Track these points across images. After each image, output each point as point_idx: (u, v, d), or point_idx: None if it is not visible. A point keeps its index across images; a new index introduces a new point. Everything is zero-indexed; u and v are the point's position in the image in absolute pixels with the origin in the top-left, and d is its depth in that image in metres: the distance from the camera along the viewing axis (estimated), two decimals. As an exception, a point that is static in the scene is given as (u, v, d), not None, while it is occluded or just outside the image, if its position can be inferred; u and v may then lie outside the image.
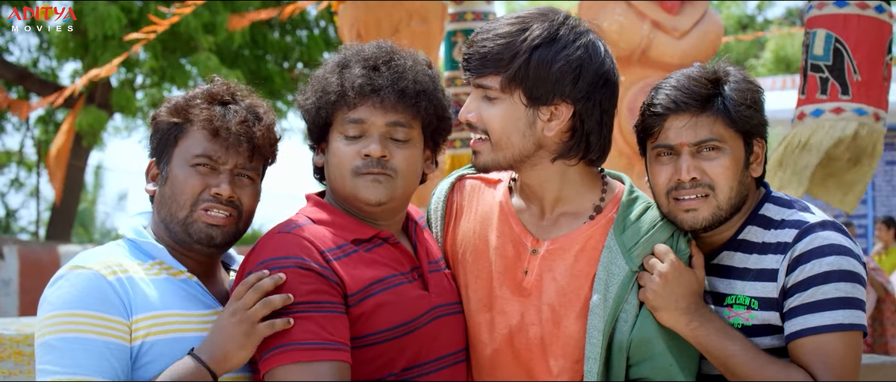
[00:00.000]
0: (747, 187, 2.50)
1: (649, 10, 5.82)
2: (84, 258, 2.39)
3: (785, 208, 2.50)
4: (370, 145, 2.41)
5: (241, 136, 2.46)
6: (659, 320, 2.39)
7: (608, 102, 2.44)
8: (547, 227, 2.50)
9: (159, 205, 2.49)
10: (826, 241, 2.38)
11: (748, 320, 2.45)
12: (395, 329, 2.37)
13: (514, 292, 2.48)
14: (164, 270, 2.44)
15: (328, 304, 2.30)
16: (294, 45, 19.64)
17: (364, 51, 2.49)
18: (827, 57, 4.80)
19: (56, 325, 2.29)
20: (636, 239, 2.43)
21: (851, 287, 2.37)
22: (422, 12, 7.51)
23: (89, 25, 15.57)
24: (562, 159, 2.45)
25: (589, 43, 2.41)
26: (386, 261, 2.45)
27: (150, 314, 2.35)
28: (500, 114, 2.41)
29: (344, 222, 2.45)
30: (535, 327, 2.45)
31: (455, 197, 2.67)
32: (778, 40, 24.11)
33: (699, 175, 2.44)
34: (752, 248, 2.48)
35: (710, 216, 2.45)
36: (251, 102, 2.55)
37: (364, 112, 2.42)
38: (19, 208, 31.62)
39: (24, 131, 23.84)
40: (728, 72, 2.50)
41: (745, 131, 2.47)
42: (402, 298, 2.40)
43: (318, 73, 2.51)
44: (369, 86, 2.41)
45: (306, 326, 2.27)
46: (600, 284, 2.40)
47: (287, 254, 2.32)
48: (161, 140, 2.50)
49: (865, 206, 15.15)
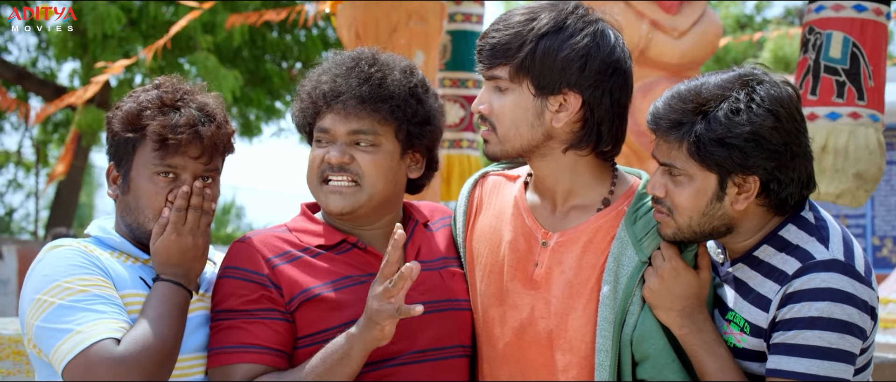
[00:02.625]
0: (743, 215, 2.36)
1: (648, 9, 5.81)
2: (57, 241, 2.47)
3: (804, 232, 2.36)
4: (330, 152, 2.48)
5: (195, 142, 2.48)
6: (657, 317, 2.38)
7: (619, 92, 2.42)
8: (558, 220, 2.50)
9: (124, 212, 2.54)
10: (824, 284, 2.26)
11: (740, 342, 2.40)
12: (345, 325, 2.39)
13: (524, 285, 2.49)
14: (130, 259, 2.52)
15: (260, 311, 2.43)
16: (293, 45, 19.61)
17: (338, 58, 2.54)
18: (844, 60, 4.78)
19: (58, 291, 2.34)
20: (647, 230, 2.42)
21: (838, 337, 2.24)
22: (420, 12, 7.50)
23: (88, 24, 15.54)
24: (573, 150, 2.45)
25: (597, 31, 2.40)
26: (350, 263, 2.50)
27: (124, 291, 2.44)
28: (509, 103, 2.43)
29: (317, 229, 2.55)
30: (544, 320, 2.45)
31: (477, 194, 2.69)
32: (776, 40, 24.09)
33: (662, 194, 2.38)
34: (759, 268, 2.39)
35: (672, 235, 2.38)
36: (201, 101, 2.55)
37: (328, 120, 2.48)
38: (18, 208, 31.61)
39: (22, 131, 23.82)
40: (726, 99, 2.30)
41: (714, 167, 2.31)
42: (359, 297, 2.41)
43: (303, 82, 2.57)
44: (331, 94, 2.47)
45: (234, 332, 2.42)
46: (610, 275, 2.39)
47: (235, 265, 2.49)
48: (118, 148, 2.53)
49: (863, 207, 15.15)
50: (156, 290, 2.41)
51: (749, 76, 2.34)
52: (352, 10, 7.55)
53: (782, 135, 2.30)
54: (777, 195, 2.35)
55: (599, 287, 2.40)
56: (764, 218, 2.40)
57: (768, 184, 2.33)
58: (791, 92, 2.35)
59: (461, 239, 2.66)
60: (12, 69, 19.21)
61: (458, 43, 8.41)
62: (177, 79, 2.58)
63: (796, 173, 2.35)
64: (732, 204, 2.34)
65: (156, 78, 2.60)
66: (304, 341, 2.45)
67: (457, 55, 8.32)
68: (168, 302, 2.38)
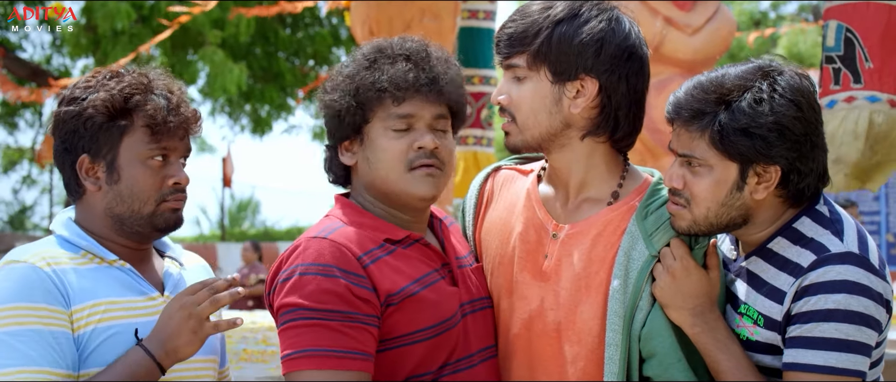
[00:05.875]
0: (760, 205, 2.37)
1: (662, 6, 5.81)
2: (17, 253, 2.38)
3: (819, 226, 2.35)
4: (423, 137, 2.42)
5: (182, 123, 2.48)
6: (668, 316, 2.38)
7: (635, 77, 2.43)
8: (570, 213, 2.50)
9: (114, 203, 2.46)
10: (839, 276, 2.24)
11: (753, 335, 2.39)
12: (435, 326, 2.37)
13: (534, 276, 2.49)
14: (95, 260, 2.43)
15: (357, 315, 2.29)
16: (305, 42, 19.66)
17: (395, 45, 2.49)
18: (838, 47, 4.78)
19: (2, 319, 2.26)
20: (657, 224, 2.42)
21: (855, 329, 2.24)
22: (434, 9, 7.51)
23: (99, 21, 15.62)
24: (591, 137, 2.45)
25: (612, 17, 2.42)
26: (422, 259, 2.45)
27: (87, 303, 2.34)
28: (528, 92, 2.44)
29: (375, 224, 2.45)
30: (552, 312, 2.45)
31: (488, 186, 2.69)
32: (790, 36, 24.05)
33: (680, 185, 2.37)
34: (774, 260, 2.38)
35: (686, 227, 2.38)
36: (168, 83, 2.54)
37: (413, 106, 2.43)
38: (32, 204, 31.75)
39: (36, 128, 23.94)
40: (750, 90, 2.30)
41: (736, 156, 2.32)
42: (440, 295, 2.40)
43: (347, 72, 2.48)
44: (417, 80, 2.43)
45: (334, 335, 2.27)
46: (620, 269, 2.39)
47: (324, 262, 2.31)
48: (97, 138, 2.45)
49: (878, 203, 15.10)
50: (132, 353, 2.33)
51: (770, 67, 2.35)
52: (365, 7, 7.57)
53: (804, 124, 2.31)
54: (796, 186, 2.35)
55: (608, 280, 2.40)
56: (780, 209, 2.40)
57: (788, 174, 2.34)
58: (809, 84, 2.37)
59: (470, 232, 2.67)
60: (27, 66, 19.31)
61: (464, 39, 8.40)
62: (135, 68, 2.56)
63: (815, 164, 2.35)
64: (752, 193, 2.34)
65: (99, 69, 2.57)
66: (394, 342, 2.36)
67: (463, 51, 8.32)
68: (134, 374, 2.32)
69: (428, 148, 2.42)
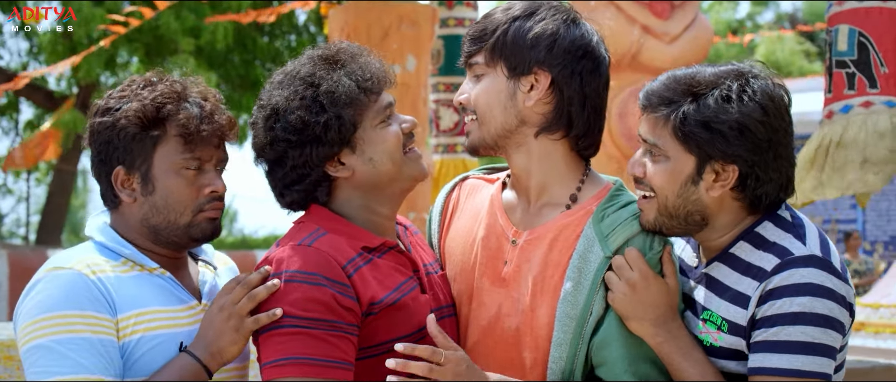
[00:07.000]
0: (719, 207, 2.37)
1: (639, 14, 5.81)
2: (60, 259, 2.36)
3: (781, 230, 2.36)
4: (404, 124, 2.50)
5: (216, 131, 2.46)
6: (628, 327, 2.37)
7: (589, 76, 2.45)
8: (530, 218, 2.51)
9: (150, 214, 2.44)
10: (803, 279, 2.25)
11: (717, 341, 2.38)
12: (412, 334, 2.37)
13: (493, 283, 2.49)
14: (136, 267, 2.42)
15: (341, 324, 2.28)
16: (283, 49, 19.64)
17: (332, 50, 2.49)
18: (851, 52, 4.78)
19: (48, 327, 2.25)
20: (614, 226, 2.42)
21: (821, 332, 2.24)
22: (412, 16, 7.51)
23: (74, 27, 15.55)
24: (545, 134, 2.46)
25: (570, 18, 2.47)
26: (396, 267, 2.45)
27: (132, 312, 2.34)
28: (485, 88, 2.47)
29: (351, 231, 2.44)
30: (511, 318, 2.45)
31: (454, 196, 2.71)
32: (768, 44, 24.18)
33: (641, 173, 2.40)
34: (736, 265, 2.38)
35: (653, 219, 2.38)
36: (201, 91, 2.51)
37: (388, 95, 2.49)
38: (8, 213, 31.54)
39: (12, 136, 23.79)
40: (720, 87, 2.31)
41: (694, 149, 2.32)
42: (416, 303, 2.41)
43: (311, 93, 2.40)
44: (381, 72, 2.48)
45: (318, 344, 2.26)
46: (574, 272, 2.39)
47: (309, 270, 2.30)
48: (132, 149, 2.43)
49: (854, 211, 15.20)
50: (178, 359, 2.33)
51: (746, 70, 2.38)
52: (343, 13, 7.57)
53: (768, 129, 2.31)
54: (753, 191, 2.35)
55: (562, 283, 2.41)
56: (738, 214, 2.40)
57: (746, 178, 2.34)
58: (783, 94, 2.37)
59: (436, 241, 2.69)
60: (3, 73, 19.20)
61: (451, 47, 8.43)
62: (160, 72, 2.54)
63: (776, 173, 2.35)
64: (708, 190, 2.35)
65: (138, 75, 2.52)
66: (373, 350, 2.36)
67: (450, 60, 8.33)
68: (183, 378, 2.30)
69: (412, 132, 2.52)
